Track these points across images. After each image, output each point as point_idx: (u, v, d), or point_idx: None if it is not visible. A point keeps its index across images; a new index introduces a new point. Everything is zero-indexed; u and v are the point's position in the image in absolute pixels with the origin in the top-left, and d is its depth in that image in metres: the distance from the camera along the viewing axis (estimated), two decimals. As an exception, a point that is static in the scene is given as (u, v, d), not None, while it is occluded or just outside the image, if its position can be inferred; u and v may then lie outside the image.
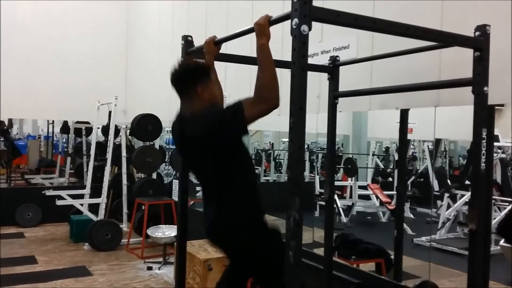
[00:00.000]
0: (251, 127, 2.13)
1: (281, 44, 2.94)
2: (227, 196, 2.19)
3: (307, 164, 9.91)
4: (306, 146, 10.52)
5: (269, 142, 13.09)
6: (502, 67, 2.33)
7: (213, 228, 2.26)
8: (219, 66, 2.57)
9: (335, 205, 7.18)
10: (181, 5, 6.15)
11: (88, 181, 6.45)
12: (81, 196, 6.31)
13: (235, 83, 4.19)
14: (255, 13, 4.24)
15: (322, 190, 3.23)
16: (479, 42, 2.04)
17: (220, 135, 2.08)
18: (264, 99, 1.96)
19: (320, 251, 3.34)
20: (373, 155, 10.00)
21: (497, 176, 6.66)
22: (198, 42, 2.59)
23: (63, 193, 6.12)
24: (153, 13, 7.16)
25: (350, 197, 8.51)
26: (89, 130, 8.48)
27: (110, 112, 6.56)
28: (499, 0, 2.45)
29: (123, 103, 7.26)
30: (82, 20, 7.72)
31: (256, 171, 11.26)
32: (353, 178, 8.41)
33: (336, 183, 8.40)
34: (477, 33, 2.06)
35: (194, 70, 2.26)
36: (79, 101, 7.44)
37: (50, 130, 11.33)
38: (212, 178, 2.25)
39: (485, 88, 2.05)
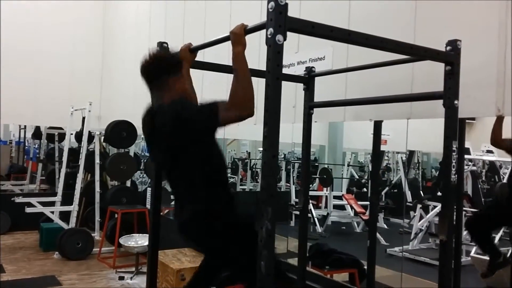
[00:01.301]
0: (229, 136, 2.11)
1: (258, 54, 2.96)
2: (198, 190, 2.15)
3: (283, 173, 9.94)
4: (282, 156, 10.60)
5: (246, 151, 13.08)
6: (473, 82, 2.40)
7: (187, 226, 2.21)
8: (195, 74, 2.56)
9: (310, 215, 7.24)
10: (159, 12, 6.13)
11: (60, 188, 6.31)
12: (52, 204, 6.16)
13: (212, 92, 4.18)
14: (233, 21, 4.26)
15: (298, 200, 3.24)
16: (450, 57, 2.09)
17: (193, 129, 2.04)
18: (237, 107, 1.95)
19: (294, 261, 3.34)
20: (348, 165, 10.10)
21: (468, 188, 6.80)
22: (175, 49, 2.57)
23: (33, 200, 5.97)
24: (130, 19, 7.11)
25: (325, 207, 8.55)
26: (62, 136, 8.32)
27: (84, 118, 6.45)
28: (470, 16, 2.52)
29: (97, 109, 7.16)
30: (56, 24, 7.59)
31: (233, 179, 11.30)
32: (328, 188, 8.46)
33: (312, 193, 8.44)
34: (448, 48, 2.11)
35: (166, 61, 2.22)
36: (52, 106, 7.29)
37: (22, 135, 11.07)
38: (183, 172, 2.19)
39: (456, 102, 2.09)
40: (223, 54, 2.84)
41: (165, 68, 2.18)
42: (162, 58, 2.24)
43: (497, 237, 5.06)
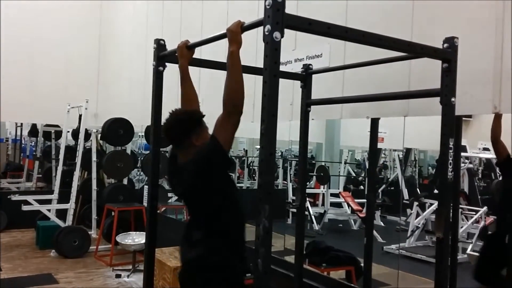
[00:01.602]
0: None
1: (255, 51, 2.96)
2: (213, 232, 2.17)
3: (281, 171, 9.95)
4: (279, 154, 10.61)
5: (243, 148, 13.08)
6: (470, 79, 2.40)
7: (187, 266, 2.23)
8: (192, 71, 2.56)
9: (307, 213, 7.24)
10: (156, 9, 6.11)
11: (56, 186, 6.30)
12: (48, 201, 6.15)
13: (209, 89, 4.18)
14: (230, 18, 4.25)
15: (295, 197, 3.24)
16: (447, 54, 2.09)
17: (208, 178, 2.09)
18: (231, 111, 1.98)
19: (291, 259, 3.34)
20: (345, 163, 10.11)
21: (465, 185, 6.83)
22: (172, 46, 2.56)
23: (30, 198, 5.95)
24: (127, 17, 7.09)
25: (322, 204, 8.57)
26: (58, 134, 8.30)
27: (80, 116, 6.43)
28: (467, 13, 2.52)
29: (94, 107, 7.14)
30: (53, 21, 7.56)
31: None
32: (326, 185, 8.47)
33: (309, 190, 8.45)
34: (445, 45, 2.11)
35: (187, 122, 2.21)
36: (48, 103, 7.26)
37: (18, 133, 11.03)
38: (202, 214, 2.23)
39: (453, 99, 2.09)
40: (221, 51, 2.84)
41: (187, 131, 2.19)
42: (183, 121, 2.22)
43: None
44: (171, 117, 2.24)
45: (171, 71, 2.65)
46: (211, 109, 2.45)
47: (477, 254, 5.04)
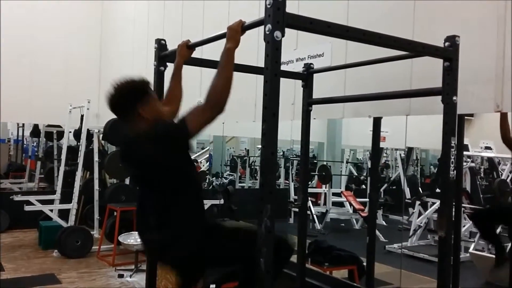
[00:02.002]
0: (228, 133, 2.09)
1: (256, 50, 2.96)
2: (171, 213, 2.08)
3: (282, 171, 9.94)
4: (281, 153, 10.60)
5: (245, 148, 13.09)
6: (471, 78, 2.39)
7: (160, 248, 2.17)
8: (194, 70, 2.56)
9: (309, 212, 7.24)
10: (157, 9, 6.11)
11: (59, 186, 6.30)
12: (51, 202, 6.15)
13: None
14: (231, 19, 4.24)
15: (297, 197, 3.24)
16: (449, 53, 2.09)
17: (165, 156, 1.99)
18: (213, 106, 1.93)
19: (293, 258, 3.34)
20: (347, 162, 10.10)
21: (467, 184, 6.81)
22: (173, 46, 2.57)
23: (32, 198, 5.95)
24: (128, 16, 7.09)
25: (324, 204, 8.56)
26: (60, 134, 8.31)
27: (82, 116, 6.44)
28: (469, 12, 2.52)
29: (96, 107, 7.12)
30: (54, 21, 7.55)
31: (232, 177, 11.31)
32: (327, 185, 8.46)
33: (311, 190, 8.45)
34: (446, 44, 2.11)
35: (131, 92, 2.10)
36: (50, 104, 7.26)
37: (20, 133, 11.04)
38: (157, 194, 2.13)
39: (454, 98, 2.09)
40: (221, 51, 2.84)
41: (132, 101, 2.08)
42: (125, 91, 2.11)
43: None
44: (114, 87, 2.12)
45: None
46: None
47: (479, 253, 5.05)
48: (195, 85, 2.63)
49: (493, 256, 3.87)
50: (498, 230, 4.89)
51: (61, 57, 7.58)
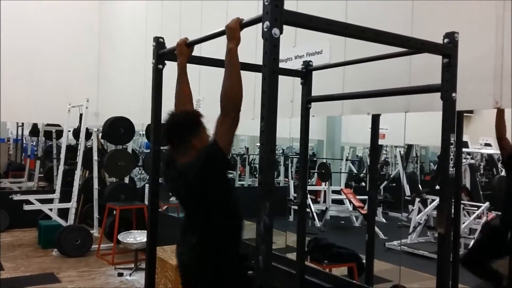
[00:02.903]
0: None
1: (255, 48, 2.95)
2: (211, 232, 2.15)
3: (282, 168, 9.94)
4: (280, 151, 10.60)
5: (245, 146, 13.09)
6: (470, 74, 2.39)
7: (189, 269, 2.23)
8: (192, 68, 2.55)
9: (308, 210, 7.23)
10: (155, 8, 6.10)
11: (58, 185, 6.30)
12: (50, 201, 6.15)
13: (209, 87, 4.17)
14: (229, 17, 4.24)
15: (296, 195, 3.23)
16: (448, 49, 2.08)
17: (208, 182, 2.07)
18: (230, 110, 1.96)
19: (293, 256, 3.34)
20: (347, 160, 10.10)
21: (467, 181, 6.81)
22: (172, 44, 2.56)
23: (31, 197, 5.95)
24: (127, 15, 7.08)
25: (324, 201, 8.56)
26: (59, 133, 8.30)
27: (81, 115, 6.43)
28: (467, 8, 2.51)
29: (94, 106, 7.14)
30: (53, 20, 7.55)
31: (231, 175, 11.32)
32: (327, 182, 8.47)
33: (310, 187, 8.44)
34: (445, 40, 2.10)
35: (188, 124, 2.18)
36: (49, 103, 7.26)
37: (20, 132, 11.03)
38: (200, 217, 2.20)
39: (454, 94, 2.08)
40: (220, 49, 2.83)
41: (188, 132, 2.16)
42: (184, 123, 2.19)
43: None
44: (171, 118, 2.21)
45: (171, 69, 2.65)
46: (211, 108, 2.46)
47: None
48: (194, 84, 2.62)
49: None
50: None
51: (60, 57, 7.57)
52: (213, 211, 2.13)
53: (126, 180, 6.52)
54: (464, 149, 5.66)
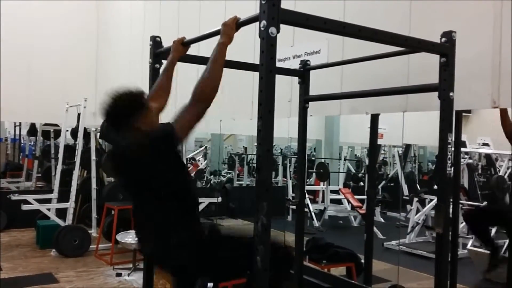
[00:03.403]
0: (225, 131, 2.08)
1: (253, 48, 2.95)
2: (166, 220, 2.09)
3: (280, 168, 9.94)
4: (278, 151, 10.60)
5: (243, 146, 13.09)
6: (468, 74, 2.38)
7: (157, 255, 2.19)
8: (191, 68, 2.55)
9: (307, 210, 7.23)
10: (153, 7, 6.09)
11: (56, 185, 6.28)
12: (48, 201, 6.13)
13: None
14: (228, 15, 4.23)
15: (294, 194, 3.24)
16: (445, 48, 2.08)
17: (157, 163, 2.00)
18: (198, 100, 1.94)
19: (290, 256, 3.33)
20: (345, 159, 10.11)
21: (465, 181, 6.82)
22: (169, 44, 2.56)
23: (29, 197, 5.93)
24: (125, 14, 7.06)
25: (322, 201, 8.56)
26: (57, 133, 8.27)
27: (79, 115, 6.41)
28: (465, 8, 2.51)
29: (92, 105, 7.09)
30: (50, 19, 7.50)
31: (229, 175, 11.29)
32: (325, 182, 8.47)
33: (309, 187, 8.45)
34: (443, 39, 2.10)
35: (130, 106, 2.06)
36: (47, 102, 7.22)
37: (17, 132, 11.01)
38: (151, 201, 2.13)
39: (451, 94, 2.08)
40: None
41: (129, 114, 2.04)
42: (124, 104, 2.07)
43: (493, 230, 5.06)
44: (112, 97, 2.07)
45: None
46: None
47: (477, 249, 5.05)
48: (191, 83, 2.63)
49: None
50: (493, 231, 4.90)
51: (58, 56, 7.54)
52: (167, 194, 2.06)
53: (124, 180, 6.50)
54: (462, 149, 5.66)
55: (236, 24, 1.93)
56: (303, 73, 3.03)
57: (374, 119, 3.29)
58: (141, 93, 2.14)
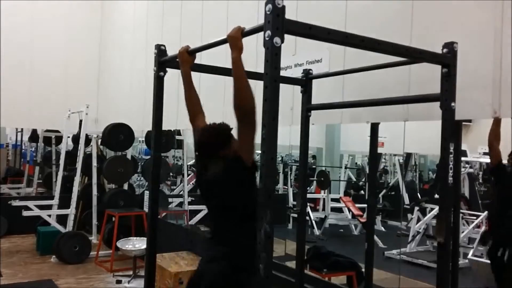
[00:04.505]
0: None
1: (255, 56, 2.97)
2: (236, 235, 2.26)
3: (281, 176, 9.93)
4: (280, 159, 10.59)
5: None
6: (469, 84, 2.40)
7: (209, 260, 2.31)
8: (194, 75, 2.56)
9: (307, 218, 7.22)
10: (156, 14, 6.13)
11: (57, 192, 6.29)
12: (49, 207, 6.14)
13: (209, 94, 4.18)
14: (230, 22, 4.25)
15: (295, 203, 3.24)
16: (447, 59, 2.10)
17: (235, 191, 2.22)
18: (245, 119, 2.02)
19: (292, 264, 3.33)
20: (346, 168, 10.10)
21: (465, 190, 6.81)
22: (172, 51, 2.58)
23: (30, 203, 5.95)
24: (127, 21, 7.10)
25: (323, 209, 8.55)
26: (59, 139, 8.29)
27: (81, 121, 6.44)
28: (466, 19, 2.53)
29: (94, 112, 7.14)
30: (52, 26, 7.56)
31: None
32: (326, 190, 8.46)
33: (309, 195, 8.44)
34: (444, 50, 2.12)
35: (223, 138, 2.30)
36: (49, 109, 7.27)
37: (19, 138, 11.02)
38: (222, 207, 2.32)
39: (453, 104, 2.10)
40: (220, 56, 2.85)
41: (219, 145, 2.29)
42: (217, 138, 2.31)
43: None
44: (208, 132, 2.32)
45: (171, 77, 2.67)
46: (209, 114, 2.48)
47: (478, 259, 5.04)
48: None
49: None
50: None
51: (60, 62, 7.58)
52: (242, 217, 2.24)
53: (125, 186, 6.52)
54: (463, 158, 5.67)
55: (241, 34, 1.94)
56: (305, 82, 3.05)
57: (374, 128, 3.29)
58: (229, 128, 2.37)
